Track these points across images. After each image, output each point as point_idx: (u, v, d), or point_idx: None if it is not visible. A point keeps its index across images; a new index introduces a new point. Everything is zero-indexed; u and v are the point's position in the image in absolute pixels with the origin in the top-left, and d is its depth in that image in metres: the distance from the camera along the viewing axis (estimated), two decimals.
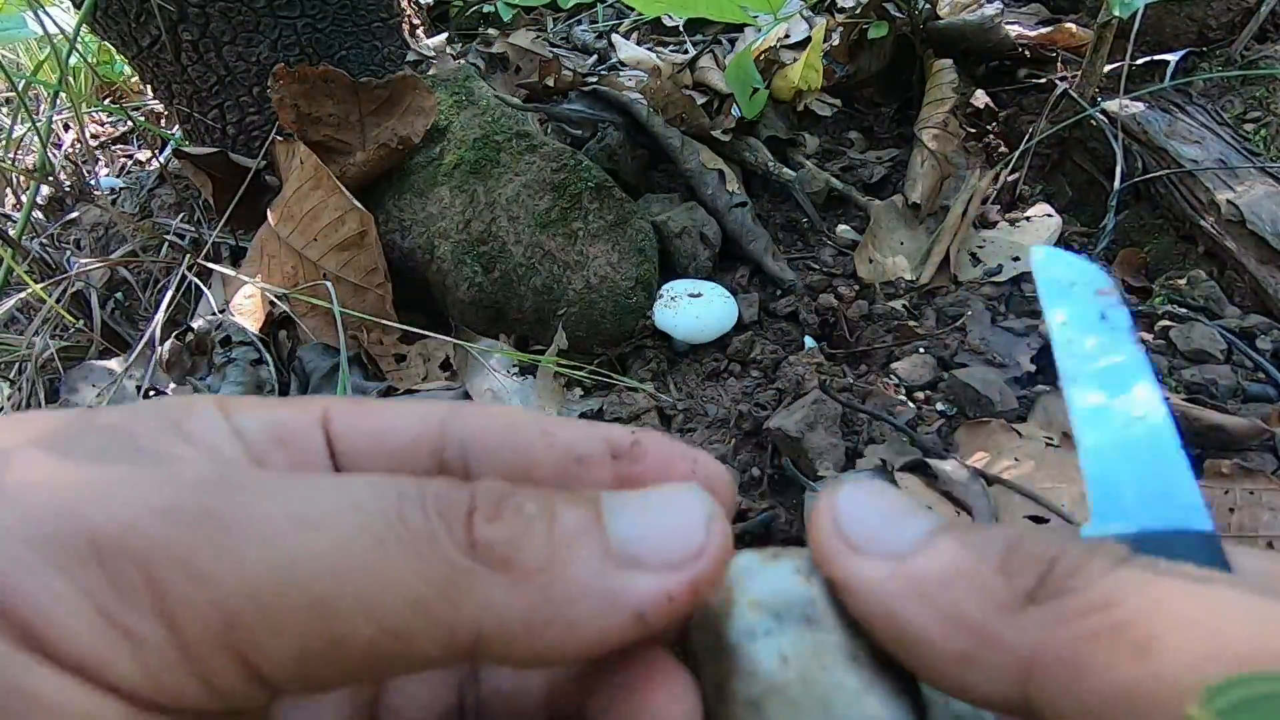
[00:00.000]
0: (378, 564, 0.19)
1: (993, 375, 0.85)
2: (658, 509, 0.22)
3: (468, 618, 0.20)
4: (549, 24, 1.70)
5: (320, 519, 0.20)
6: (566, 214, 0.98)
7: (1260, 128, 1.07)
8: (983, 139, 1.21)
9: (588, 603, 0.21)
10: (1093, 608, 0.19)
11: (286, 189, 1.01)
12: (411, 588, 0.20)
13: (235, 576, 0.19)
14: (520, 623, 0.20)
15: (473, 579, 0.20)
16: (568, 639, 0.21)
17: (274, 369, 0.96)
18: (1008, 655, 0.19)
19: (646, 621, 0.21)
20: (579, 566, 0.21)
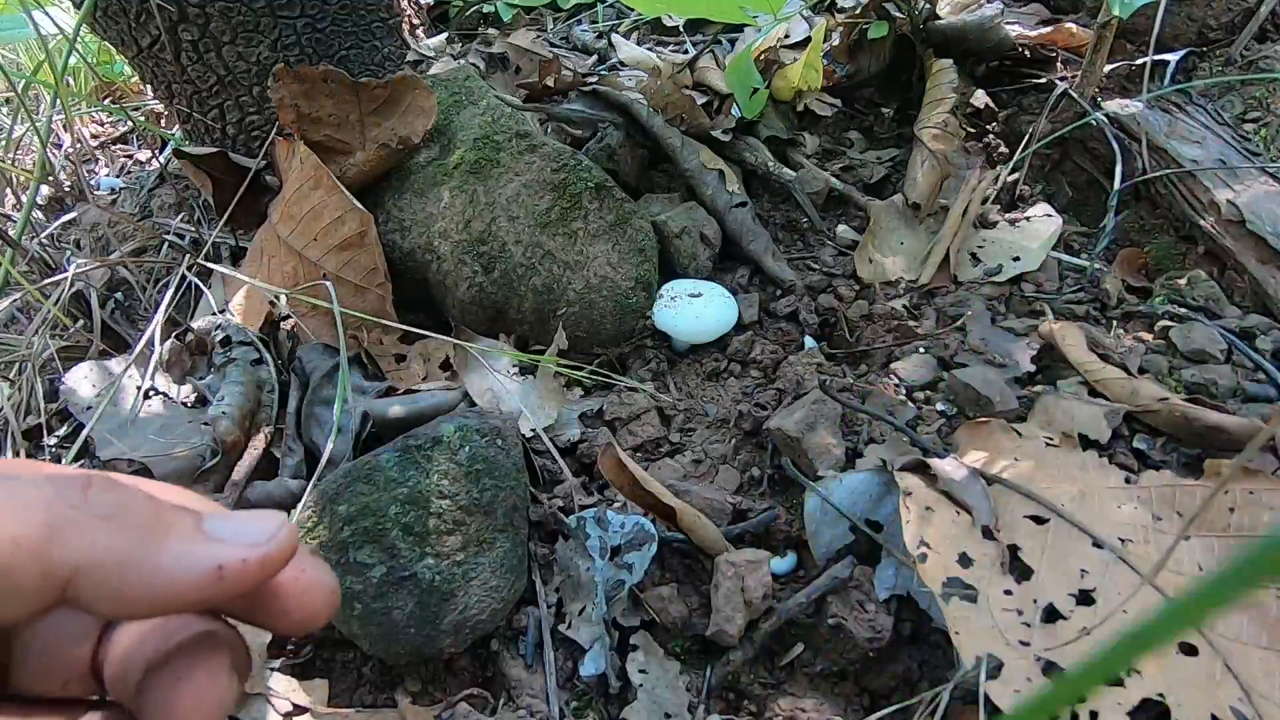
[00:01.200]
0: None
1: (993, 375, 0.85)
2: (243, 519, 0.28)
3: (68, 554, 0.24)
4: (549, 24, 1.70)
5: None
6: (566, 214, 0.98)
7: (1260, 128, 1.07)
8: (983, 139, 1.21)
9: (177, 554, 0.26)
10: None
11: (286, 189, 1.01)
12: (15, 529, 0.24)
13: None
14: (114, 562, 0.24)
15: (77, 524, 0.25)
16: (153, 581, 0.25)
17: (274, 369, 0.96)
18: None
19: (223, 578, 0.26)
20: (176, 529, 0.26)
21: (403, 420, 0.88)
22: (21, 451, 0.94)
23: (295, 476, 0.87)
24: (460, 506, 0.74)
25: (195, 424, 0.91)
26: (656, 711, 0.69)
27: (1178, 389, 0.82)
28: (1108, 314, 0.96)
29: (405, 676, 0.75)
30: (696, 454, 0.88)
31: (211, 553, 0.26)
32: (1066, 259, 1.05)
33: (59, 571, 0.24)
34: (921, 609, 0.69)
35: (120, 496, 0.26)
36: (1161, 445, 0.77)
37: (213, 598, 0.26)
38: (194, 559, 0.26)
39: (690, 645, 0.74)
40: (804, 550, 0.76)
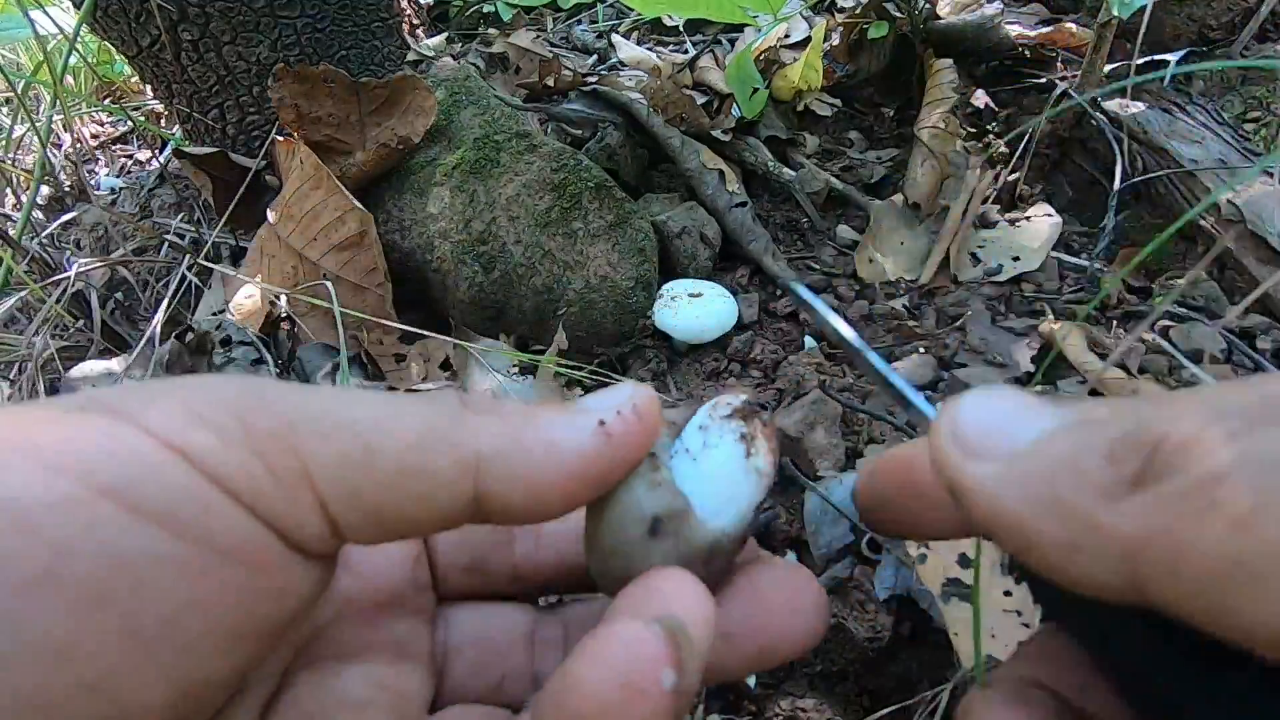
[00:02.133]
0: (397, 409, 0.26)
1: (993, 375, 0.85)
2: (599, 393, 0.28)
3: (468, 437, 0.25)
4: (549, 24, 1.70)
5: (363, 396, 0.27)
6: (566, 214, 0.98)
7: (1260, 128, 1.07)
8: (983, 139, 1.21)
9: (558, 423, 0.27)
10: (1193, 488, 0.18)
11: (286, 189, 1.01)
12: (423, 419, 0.26)
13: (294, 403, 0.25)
14: (510, 443, 0.26)
15: (468, 417, 0.26)
16: (550, 456, 0.26)
17: (274, 369, 0.96)
18: (1111, 541, 0.19)
19: (609, 432, 0.26)
20: (547, 410, 0.27)
21: None
22: None
23: None
24: None
25: None
26: None
27: (1178, 389, 0.82)
28: (1108, 314, 0.96)
29: None
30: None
31: (587, 416, 0.27)
32: (1066, 259, 1.05)
33: (469, 457, 0.25)
34: (921, 609, 0.69)
35: (490, 400, 0.28)
36: None
37: (606, 459, 0.26)
38: (575, 425, 0.26)
39: None
40: (804, 550, 0.76)
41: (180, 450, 0.23)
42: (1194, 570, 0.18)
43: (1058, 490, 0.21)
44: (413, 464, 0.25)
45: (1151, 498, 0.19)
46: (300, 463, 0.24)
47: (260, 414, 0.24)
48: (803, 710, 0.67)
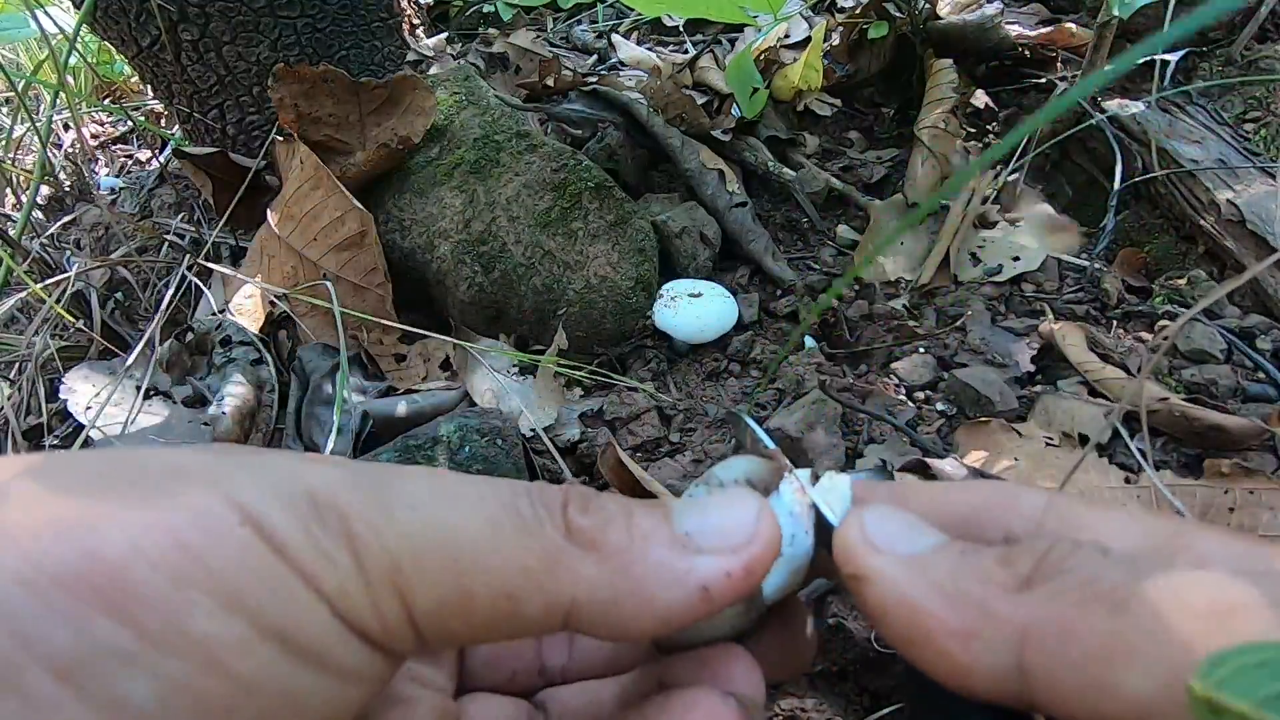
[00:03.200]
0: (496, 538, 0.25)
1: (993, 375, 0.85)
2: (715, 509, 0.27)
3: (565, 586, 0.25)
4: (549, 24, 1.70)
5: (454, 497, 0.25)
6: (566, 214, 0.98)
7: (1260, 128, 1.07)
8: (983, 139, 1.21)
9: (661, 578, 0.25)
10: (1080, 584, 0.22)
11: (286, 189, 1.01)
12: (521, 559, 0.24)
13: (397, 531, 0.24)
14: (606, 593, 0.25)
15: (568, 556, 0.25)
16: (644, 610, 0.25)
17: (274, 369, 0.96)
18: (1006, 627, 0.22)
19: (710, 596, 0.25)
20: (653, 549, 0.25)
21: (403, 420, 0.88)
22: (22, 452, 0.94)
23: None
24: None
25: (195, 424, 0.91)
26: None
27: (1178, 389, 0.82)
28: (1108, 314, 0.96)
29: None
30: (696, 454, 0.88)
31: (693, 569, 0.25)
32: (1067, 259, 1.05)
33: (561, 604, 0.25)
34: None
35: (596, 516, 0.26)
36: (1161, 445, 0.77)
37: (702, 616, 0.25)
38: (677, 582, 0.25)
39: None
40: None
41: (316, 589, 0.23)
42: (1079, 648, 0.20)
43: (958, 582, 0.24)
44: (505, 611, 0.24)
45: (1043, 591, 0.22)
46: (406, 607, 0.24)
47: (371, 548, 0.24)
48: (803, 710, 0.67)
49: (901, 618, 0.24)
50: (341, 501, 0.24)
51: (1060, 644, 0.21)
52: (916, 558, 0.25)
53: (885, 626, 0.25)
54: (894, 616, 0.24)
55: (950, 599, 0.23)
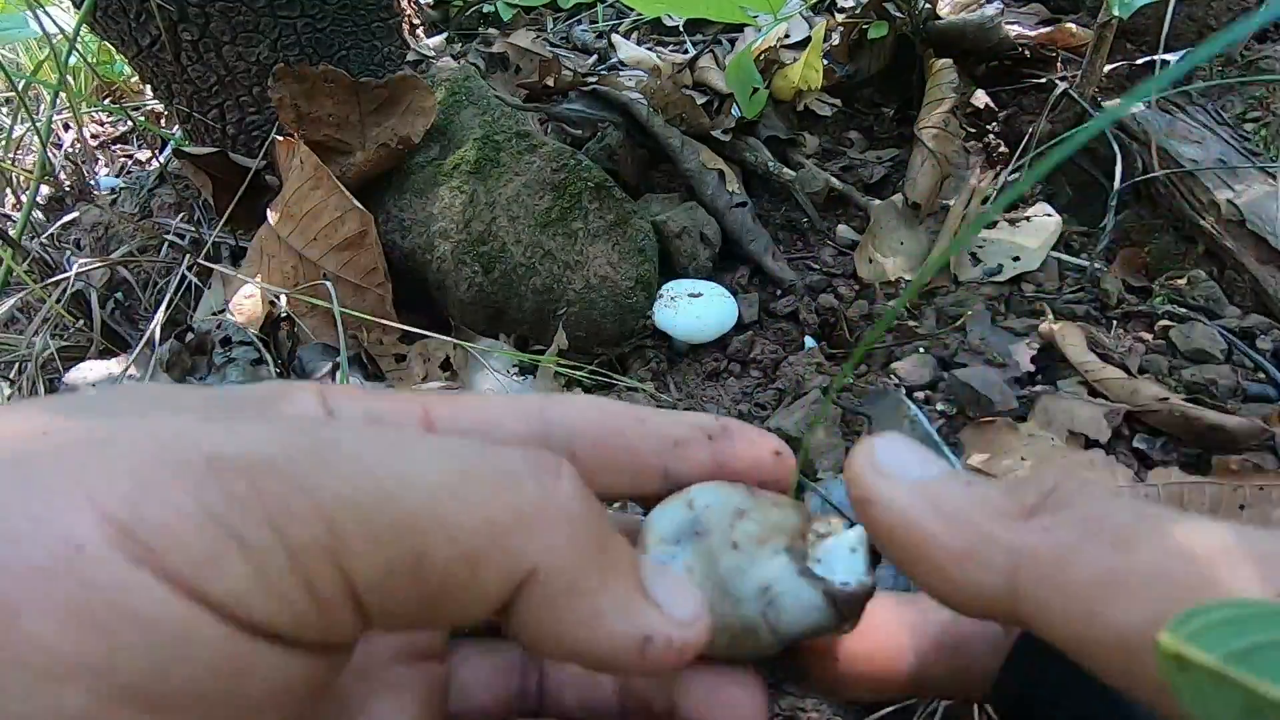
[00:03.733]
0: (464, 485, 0.21)
1: (993, 375, 0.85)
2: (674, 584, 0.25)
3: (529, 550, 0.22)
4: (549, 24, 1.70)
5: (416, 451, 0.22)
6: (566, 214, 0.98)
7: (1260, 128, 1.07)
8: (983, 139, 1.21)
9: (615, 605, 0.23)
10: (1085, 518, 0.22)
11: (286, 189, 1.01)
12: (488, 510, 0.21)
13: (337, 489, 0.20)
14: (565, 577, 0.22)
15: (543, 518, 0.22)
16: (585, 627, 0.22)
17: (274, 369, 0.96)
18: (1002, 551, 0.22)
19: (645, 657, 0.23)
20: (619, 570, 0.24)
21: None
22: None
23: None
24: None
25: None
26: None
27: (1178, 389, 0.82)
28: (1108, 314, 0.96)
29: None
30: None
31: (645, 620, 0.23)
32: (1066, 259, 1.05)
33: (519, 568, 0.22)
34: None
35: (587, 498, 0.23)
36: (1161, 445, 0.77)
37: (625, 670, 0.23)
38: (628, 620, 0.23)
39: None
40: None
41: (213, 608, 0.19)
42: (1074, 576, 0.20)
43: (960, 507, 0.24)
44: (459, 580, 0.21)
45: (1046, 520, 0.22)
46: (346, 579, 0.20)
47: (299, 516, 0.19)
48: (802, 710, 0.67)
49: (903, 539, 0.24)
50: (256, 460, 0.20)
51: (1056, 570, 0.21)
52: (922, 483, 0.25)
53: (889, 549, 0.25)
54: (897, 538, 0.25)
55: (950, 521, 0.23)
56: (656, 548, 0.26)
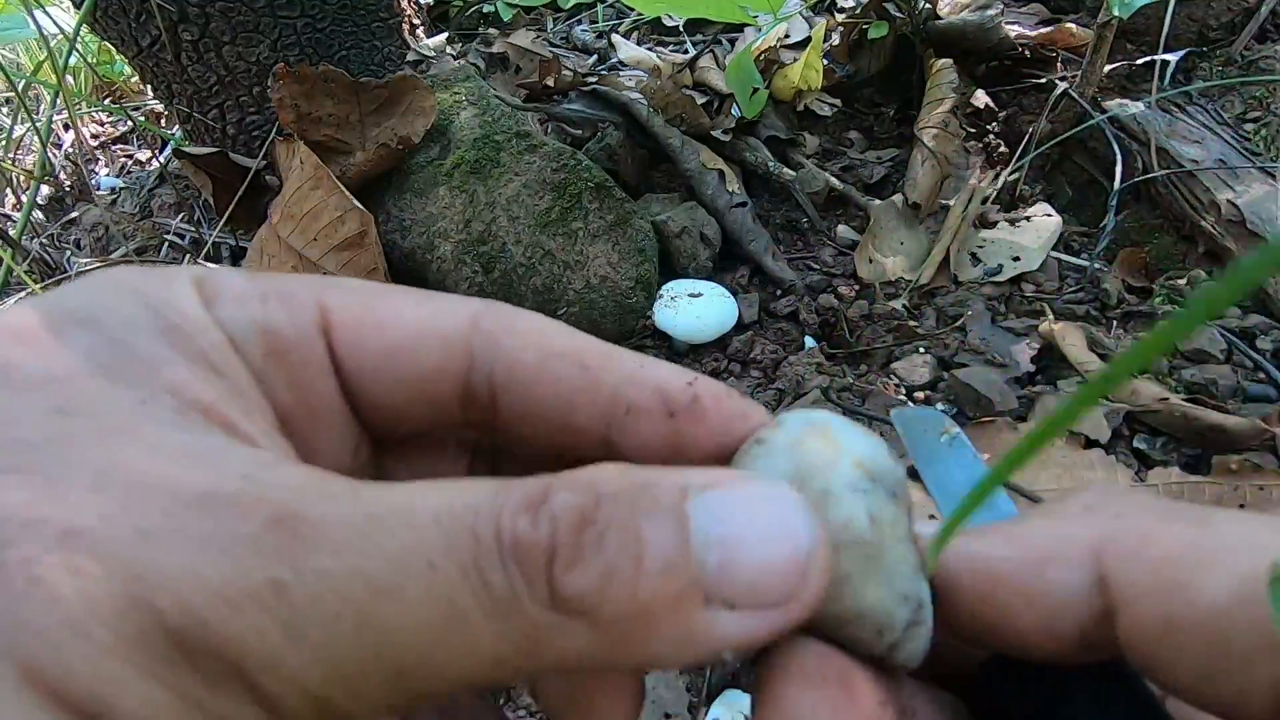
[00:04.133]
0: (461, 634, 0.18)
1: (993, 375, 0.85)
2: (758, 528, 0.19)
3: (545, 664, 0.19)
4: (549, 24, 1.70)
5: (395, 586, 0.18)
6: (566, 214, 0.98)
7: (1260, 128, 1.07)
8: (983, 139, 1.21)
9: (669, 639, 0.19)
10: (1154, 506, 0.21)
11: (286, 189, 1.01)
12: (494, 648, 0.18)
13: (319, 663, 0.17)
14: (598, 660, 0.19)
15: (553, 632, 0.19)
16: (640, 665, 0.19)
17: None
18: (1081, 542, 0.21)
19: (726, 660, 0.19)
20: (665, 611, 0.19)
21: None
22: None
23: None
24: None
25: None
26: (656, 712, 0.69)
27: (1178, 389, 0.82)
28: (1108, 314, 0.96)
29: None
30: None
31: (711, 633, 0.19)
32: (1066, 259, 1.05)
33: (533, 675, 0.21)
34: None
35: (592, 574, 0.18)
36: (1161, 445, 0.77)
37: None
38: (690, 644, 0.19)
39: None
40: None
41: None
42: (1159, 550, 0.20)
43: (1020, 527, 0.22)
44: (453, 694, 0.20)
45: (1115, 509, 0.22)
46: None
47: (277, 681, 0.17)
48: None
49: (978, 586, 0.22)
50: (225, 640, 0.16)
51: (1141, 546, 0.20)
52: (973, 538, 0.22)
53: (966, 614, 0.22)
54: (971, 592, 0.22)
55: (1016, 540, 0.22)
56: (853, 466, 0.22)
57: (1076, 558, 0.21)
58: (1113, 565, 0.20)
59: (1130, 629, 0.20)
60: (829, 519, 0.21)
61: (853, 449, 0.22)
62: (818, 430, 0.23)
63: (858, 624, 0.21)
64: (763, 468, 0.22)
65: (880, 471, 0.22)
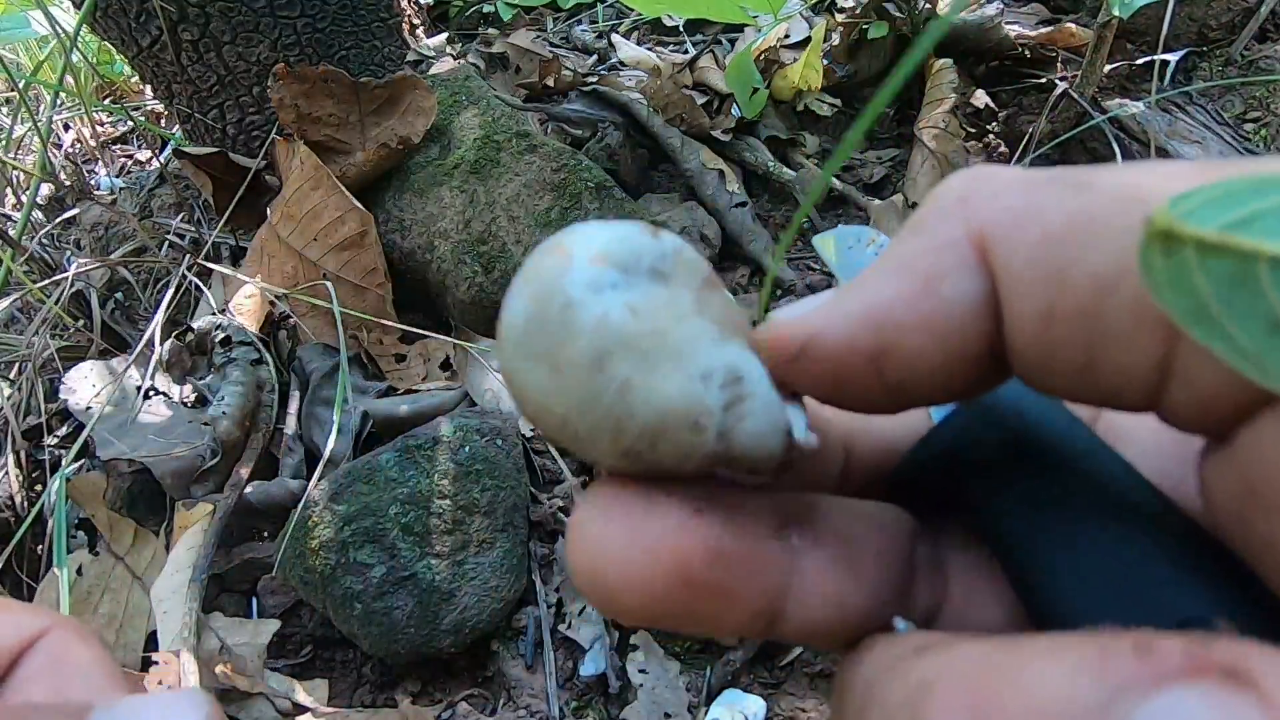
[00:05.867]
0: None
1: None
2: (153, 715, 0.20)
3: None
4: (549, 24, 1.70)
5: None
6: (566, 214, 0.98)
7: (1260, 128, 1.07)
8: (983, 139, 1.21)
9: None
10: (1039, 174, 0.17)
11: (286, 189, 1.01)
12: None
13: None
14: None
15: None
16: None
17: (274, 369, 0.96)
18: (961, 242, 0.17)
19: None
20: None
21: (403, 420, 0.88)
22: (22, 453, 0.94)
23: (295, 476, 0.87)
24: (460, 506, 0.74)
25: (195, 424, 0.91)
26: (656, 711, 0.69)
27: None
28: None
29: (405, 676, 0.75)
30: None
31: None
32: None
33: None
34: None
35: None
36: None
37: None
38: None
39: (690, 645, 0.74)
40: None
41: None
42: (1038, 229, 0.16)
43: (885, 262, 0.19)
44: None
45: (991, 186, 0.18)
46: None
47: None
48: (803, 710, 0.67)
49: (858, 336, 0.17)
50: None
51: (1017, 228, 0.16)
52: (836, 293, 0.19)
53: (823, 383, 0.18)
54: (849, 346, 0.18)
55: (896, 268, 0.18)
56: (589, 264, 0.18)
57: (964, 263, 0.17)
58: (995, 257, 0.17)
59: (1014, 331, 0.17)
60: (579, 331, 0.18)
61: (588, 247, 0.19)
62: (551, 247, 0.20)
63: (668, 432, 0.17)
64: (507, 312, 0.19)
65: (631, 257, 0.19)
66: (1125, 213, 0.15)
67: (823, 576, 0.19)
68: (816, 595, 0.19)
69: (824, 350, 0.18)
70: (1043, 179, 0.17)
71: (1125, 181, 0.16)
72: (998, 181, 0.17)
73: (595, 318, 0.18)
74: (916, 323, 0.17)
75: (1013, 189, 0.17)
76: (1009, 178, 0.17)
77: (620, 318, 0.18)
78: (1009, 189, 0.17)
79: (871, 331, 0.17)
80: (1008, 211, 0.17)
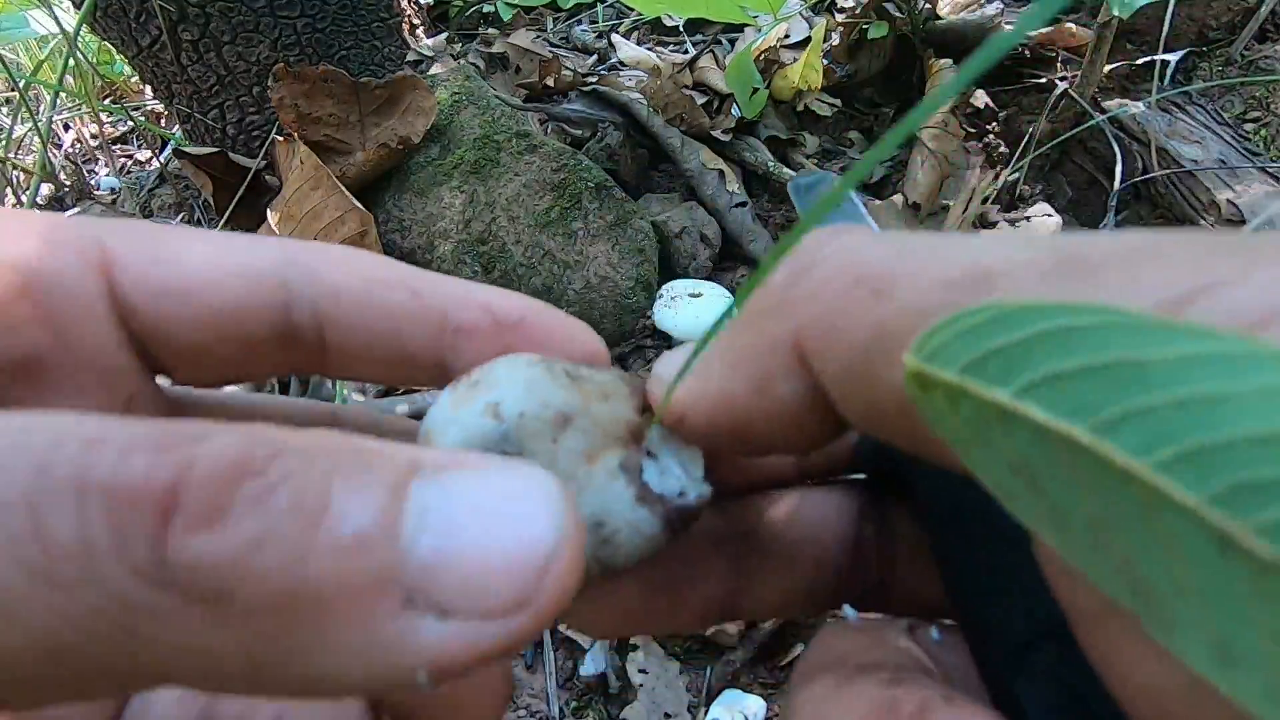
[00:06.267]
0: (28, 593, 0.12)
1: None
2: (490, 516, 0.14)
3: (143, 668, 0.13)
4: (549, 24, 1.70)
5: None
6: (566, 214, 0.98)
7: (1260, 128, 1.07)
8: (983, 139, 1.21)
9: (343, 647, 0.13)
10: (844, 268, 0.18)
11: (286, 189, 1.01)
12: (46, 629, 0.12)
13: None
14: (226, 671, 0.13)
15: (154, 617, 0.12)
16: (312, 686, 0.14)
17: None
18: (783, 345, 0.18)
19: (440, 679, 0.14)
20: (346, 602, 0.13)
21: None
22: None
23: None
24: None
25: None
26: (656, 711, 0.69)
27: None
28: None
29: None
30: None
31: (411, 645, 0.13)
32: None
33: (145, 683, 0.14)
34: None
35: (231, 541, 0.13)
36: None
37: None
38: (381, 661, 0.13)
39: (690, 645, 0.74)
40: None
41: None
42: (846, 343, 0.17)
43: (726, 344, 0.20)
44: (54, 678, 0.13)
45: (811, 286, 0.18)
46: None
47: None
48: None
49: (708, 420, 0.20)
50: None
51: (826, 342, 0.17)
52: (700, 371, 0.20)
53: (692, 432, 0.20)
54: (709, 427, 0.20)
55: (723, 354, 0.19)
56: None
57: (789, 369, 0.18)
58: (812, 364, 0.18)
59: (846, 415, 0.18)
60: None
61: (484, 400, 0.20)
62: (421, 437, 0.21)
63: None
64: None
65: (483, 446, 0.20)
66: (913, 329, 0.15)
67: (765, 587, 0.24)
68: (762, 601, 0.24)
69: (694, 424, 0.20)
70: (851, 280, 0.17)
71: (921, 285, 0.16)
72: (816, 277, 0.18)
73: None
74: (759, 415, 0.19)
75: (827, 289, 0.17)
76: (826, 273, 0.18)
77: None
78: (824, 288, 0.18)
79: (725, 415, 0.19)
80: (817, 324, 0.18)
